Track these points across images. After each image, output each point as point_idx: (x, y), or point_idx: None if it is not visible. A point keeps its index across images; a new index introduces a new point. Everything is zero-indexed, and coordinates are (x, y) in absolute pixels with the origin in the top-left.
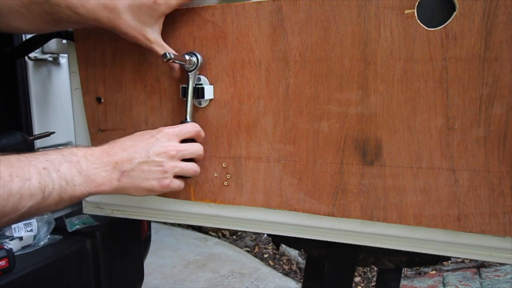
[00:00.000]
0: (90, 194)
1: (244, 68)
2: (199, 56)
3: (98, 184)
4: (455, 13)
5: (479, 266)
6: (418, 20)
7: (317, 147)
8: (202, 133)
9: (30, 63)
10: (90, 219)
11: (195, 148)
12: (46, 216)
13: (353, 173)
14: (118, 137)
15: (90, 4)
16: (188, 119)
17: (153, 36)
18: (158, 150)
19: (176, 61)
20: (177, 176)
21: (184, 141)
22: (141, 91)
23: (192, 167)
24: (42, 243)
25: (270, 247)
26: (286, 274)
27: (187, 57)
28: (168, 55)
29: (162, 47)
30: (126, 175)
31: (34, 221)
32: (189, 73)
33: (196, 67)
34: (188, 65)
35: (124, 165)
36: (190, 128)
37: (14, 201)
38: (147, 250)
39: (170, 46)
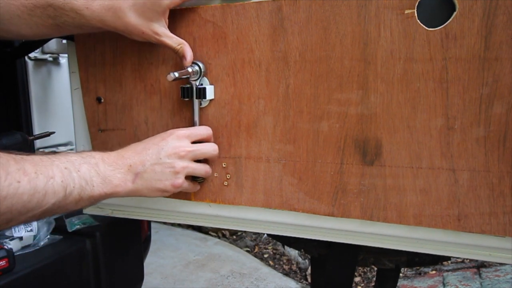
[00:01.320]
0: (107, 195)
1: (244, 68)
2: (201, 65)
3: (114, 185)
4: (455, 13)
5: (479, 266)
6: (418, 20)
7: (317, 147)
8: None
9: (30, 63)
10: (90, 219)
11: (208, 148)
12: None
13: (353, 173)
14: (118, 137)
15: (95, 6)
16: (197, 124)
17: (161, 30)
18: (168, 152)
19: (182, 78)
20: (190, 178)
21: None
22: (141, 91)
23: (203, 167)
24: (42, 243)
25: (270, 247)
26: (286, 274)
27: (189, 69)
28: (172, 76)
29: (171, 39)
30: (139, 177)
31: (34, 221)
32: (193, 82)
33: (200, 75)
34: (192, 76)
35: (137, 168)
36: (203, 131)
37: (39, 197)
38: (147, 250)
39: None
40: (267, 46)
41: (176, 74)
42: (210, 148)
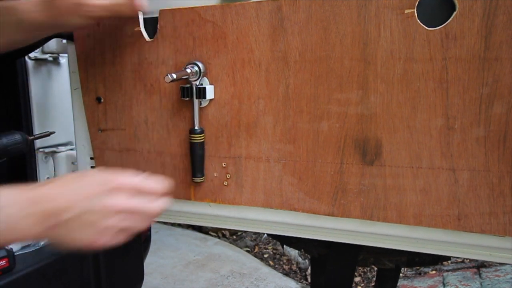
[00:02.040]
0: (10, 242)
1: (244, 68)
2: (200, 65)
3: (21, 235)
4: (455, 13)
5: (479, 266)
6: (418, 20)
7: (317, 147)
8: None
9: (30, 63)
10: None
11: (151, 207)
12: None
13: (353, 173)
14: (118, 137)
15: None
16: (196, 127)
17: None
18: (102, 203)
19: (180, 79)
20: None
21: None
22: (141, 91)
23: (140, 223)
24: (42, 242)
25: (270, 247)
26: (286, 274)
27: (188, 70)
28: (170, 77)
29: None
30: (59, 226)
31: None
32: (193, 82)
33: (199, 76)
34: (191, 77)
35: (62, 215)
36: (151, 187)
37: None
38: (147, 250)
39: (170, 46)
40: (267, 46)
41: (174, 76)
42: (154, 207)
